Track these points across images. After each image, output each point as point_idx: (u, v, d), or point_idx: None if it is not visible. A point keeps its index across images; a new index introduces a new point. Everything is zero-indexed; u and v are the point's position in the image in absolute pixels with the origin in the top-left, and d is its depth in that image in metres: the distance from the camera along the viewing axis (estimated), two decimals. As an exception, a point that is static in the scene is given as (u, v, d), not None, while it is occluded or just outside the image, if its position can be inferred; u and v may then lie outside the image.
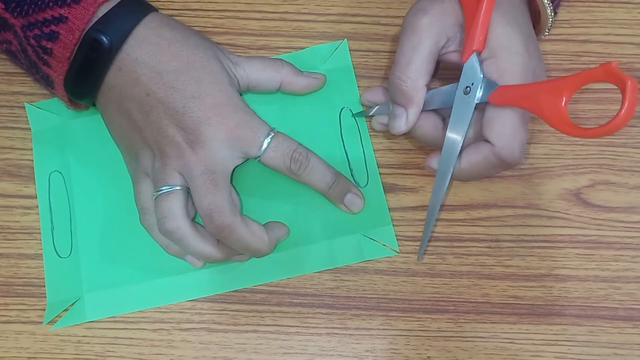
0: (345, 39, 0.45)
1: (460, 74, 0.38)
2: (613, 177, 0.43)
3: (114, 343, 0.42)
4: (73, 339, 0.42)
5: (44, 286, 0.42)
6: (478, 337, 0.42)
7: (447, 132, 0.39)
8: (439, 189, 0.40)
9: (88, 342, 0.42)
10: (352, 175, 0.43)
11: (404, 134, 0.40)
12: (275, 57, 0.45)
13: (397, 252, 0.43)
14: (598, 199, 0.43)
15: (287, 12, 0.46)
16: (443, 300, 0.42)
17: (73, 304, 0.42)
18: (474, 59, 0.38)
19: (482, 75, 0.37)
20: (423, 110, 0.39)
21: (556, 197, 0.43)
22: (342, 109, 0.44)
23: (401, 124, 0.40)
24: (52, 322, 0.42)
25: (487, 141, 0.38)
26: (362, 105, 0.44)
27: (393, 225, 0.43)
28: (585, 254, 0.43)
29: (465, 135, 0.38)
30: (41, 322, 0.42)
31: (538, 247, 0.43)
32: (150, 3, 0.40)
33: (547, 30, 0.42)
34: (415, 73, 0.38)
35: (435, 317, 0.42)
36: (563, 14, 0.46)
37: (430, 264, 0.43)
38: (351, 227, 0.43)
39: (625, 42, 0.45)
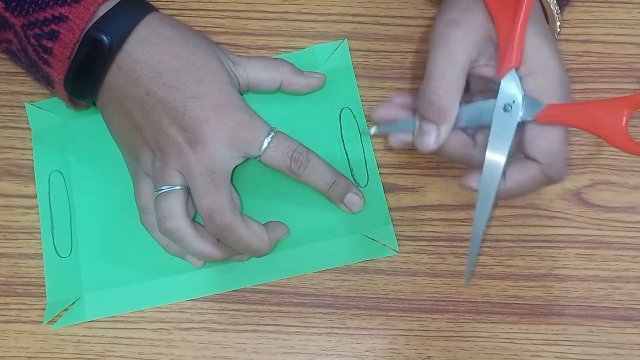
0: (346, 39, 0.45)
1: (498, 90, 0.37)
2: (613, 177, 0.43)
3: (114, 343, 0.42)
4: (73, 338, 0.42)
5: (44, 286, 0.42)
6: (478, 337, 0.42)
7: (487, 151, 0.37)
8: (483, 210, 0.38)
9: (88, 341, 0.42)
10: (352, 175, 0.43)
11: (432, 151, 0.38)
12: (276, 56, 0.45)
13: (397, 252, 0.43)
14: (598, 198, 0.43)
15: (287, 12, 0.46)
16: (443, 300, 0.42)
17: (73, 303, 0.42)
18: (512, 75, 0.36)
19: (523, 93, 0.36)
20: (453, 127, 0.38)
21: (556, 197, 0.43)
22: (342, 108, 0.44)
23: (430, 141, 0.37)
24: (52, 321, 0.42)
25: (530, 158, 0.36)
26: (374, 122, 0.41)
27: (393, 225, 0.43)
28: (585, 254, 0.43)
29: (509, 154, 0.37)
30: (41, 322, 0.42)
31: (538, 247, 0.43)
32: (151, 3, 0.40)
33: (556, 35, 0.41)
34: (450, 88, 0.36)
35: (435, 317, 0.42)
36: (563, 14, 0.45)
37: (430, 263, 0.43)
38: (351, 227, 0.43)
39: (626, 42, 0.45)
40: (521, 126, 0.37)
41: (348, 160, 0.44)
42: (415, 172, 0.44)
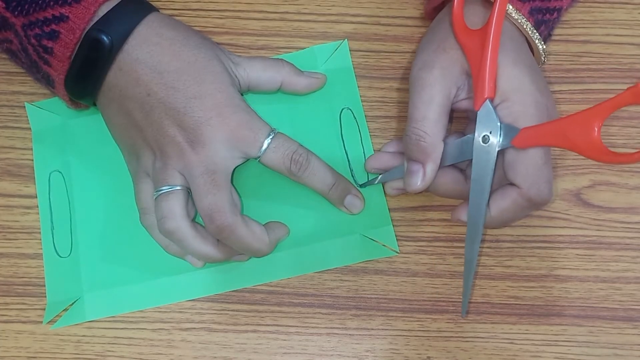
0: (346, 39, 0.45)
1: (475, 123, 0.37)
2: (613, 177, 0.44)
3: (114, 343, 0.42)
4: (73, 338, 0.42)
5: (44, 286, 0.42)
6: (478, 337, 0.42)
7: (471, 183, 0.38)
8: (472, 242, 0.38)
9: (88, 341, 0.42)
10: (352, 175, 0.43)
11: (421, 191, 0.39)
12: (276, 57, 0.45)
13: (397, 253, 0.43)
14: (598, 199, 0.43)
15: (287, 12, 0.46)
16: (443, 301, 0.42)
17: (73, 303, 0.42)
18: (487, 106, 0.37)
19: (499, 123, 0.36)
20: (440, 167, 0.38)
21: (556, 198, 0.43)
22: (342, 109, 0.44)
23: (417, 181, 0.38)
24: (52, 321, 0.42)
25: (512, 185, 0.37)
26: (369, 172, 0.43)
27: (393, 225, 0.43)
28: (585, 255, 0.43)
29: (491, 184, 0.37)
30: (41, 322, 0.42)
31: (538, 248, 0.43)
32: (151, 3, 0.40)
33: (542, 60, 0.41)
34: (432, 128, 0.37)
35: (435, 318, 0.42)
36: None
37: (430, 264, 0.43)
38: (351, 228, 0.43)
39: (626, 42, 0.45)
40: (502, 154, 0.37)
41: (348, 160, 0.44)
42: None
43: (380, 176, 0.42)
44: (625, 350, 0.41)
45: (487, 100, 0.37)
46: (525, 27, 0.39)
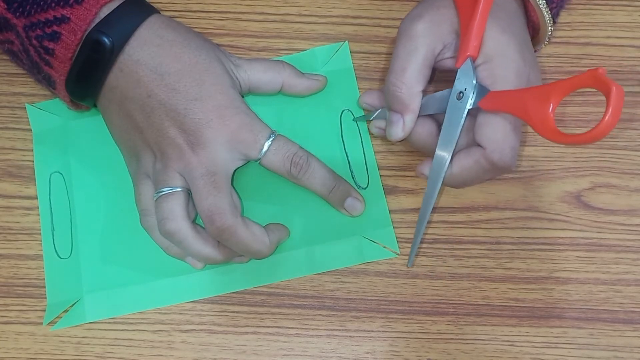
0: (346, 41, 0.45)
1: (454, 79, 0.38)
2: (614, 179, 0.43)
3: (114, 344, 0.42)
4: (73, 339, 0.42)
5: (44, 287, 0.42)
6: (478, 339, 0.42)
7: (439, 138, 0.38)
8: (429, 195, 0.39)
9: (88, 343, 0.42)
10: (352, 177, 0.43)
11: (402, 140, 0.40)
12: (277, 58, 0.45)
13: (398, 254, 0.43)
14: (599, 201, 0.43)
15: (288, 14, 0.46)
16: (443, 303, 0.42)
17: (73, 304, 0.42)
18: (468, 64, 0.37)
19: (475, 81, 0.37)
20: (419, 115, 0.39)
21: (557, 200, 0.43)
22: (342, 110, 0.45)
23: (398, 131, 0.39)
24: (52, 323, 0.42)
25: (479, 146, 0.37)
26: (363, 109, 0.44)
27: (393, 227, 0.43)
28: (585, 257, 0.43)
29: (457, 141, 0.38)
30: (41, 323, 0.42)
31: (538, 250, 0.43)
32: (152, 4, 0.40)
33: (547, 39, 0.42)
34: (410, 79, 0.38)
35: (436, 320, 0.42)
36: (564, 16, 0.46)
37: (430, 266, 0.42)
38: (351, 229, 0.43)
39: (626, 44, 0.45)
40: (474, 114, 0.38)
41: (349, 162, 0.44)
42: (416, 174, 0.44)
43: (377, 112, 0.42)
44: (626, 352, 0.41)
45: (469, 58, 0.37)
46: None
